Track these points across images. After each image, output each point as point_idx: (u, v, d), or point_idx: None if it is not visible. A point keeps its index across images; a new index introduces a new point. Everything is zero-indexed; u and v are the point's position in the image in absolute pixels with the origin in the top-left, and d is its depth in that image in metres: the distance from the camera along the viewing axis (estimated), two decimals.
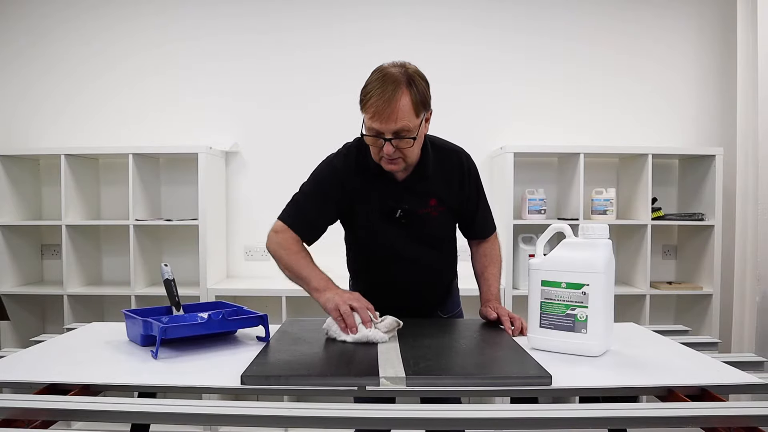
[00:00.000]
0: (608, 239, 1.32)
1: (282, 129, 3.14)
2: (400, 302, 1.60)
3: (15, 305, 2.94)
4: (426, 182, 1.55)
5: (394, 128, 1.37)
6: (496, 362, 1.24)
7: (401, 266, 1.60)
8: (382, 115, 1.35)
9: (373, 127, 1.38)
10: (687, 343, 1.46)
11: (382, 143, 1.39)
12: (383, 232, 1.56)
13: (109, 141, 3.12)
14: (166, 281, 1.53)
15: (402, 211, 1.53)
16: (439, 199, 1.57)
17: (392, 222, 1.55)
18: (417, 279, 1.63)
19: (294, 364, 1.23)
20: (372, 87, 1.37)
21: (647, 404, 0.99)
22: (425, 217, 1.56)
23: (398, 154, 1.42)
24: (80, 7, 3.14)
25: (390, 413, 0.97)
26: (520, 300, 2.76)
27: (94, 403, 0.98)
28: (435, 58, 3.11)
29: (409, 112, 1.37)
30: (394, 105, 1.35)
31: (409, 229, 1.56)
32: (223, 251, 3.12)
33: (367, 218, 1.56)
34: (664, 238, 3.17)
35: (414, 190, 1.55)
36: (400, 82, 1.36)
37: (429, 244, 1.61)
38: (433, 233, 1.61)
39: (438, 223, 1.59)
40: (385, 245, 1.58)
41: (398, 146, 1.40)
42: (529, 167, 3.10)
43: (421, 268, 1.62)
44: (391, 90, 1.35)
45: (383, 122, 1.36)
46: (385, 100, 1.34)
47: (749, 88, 2.85)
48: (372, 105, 1.36)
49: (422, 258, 1.61)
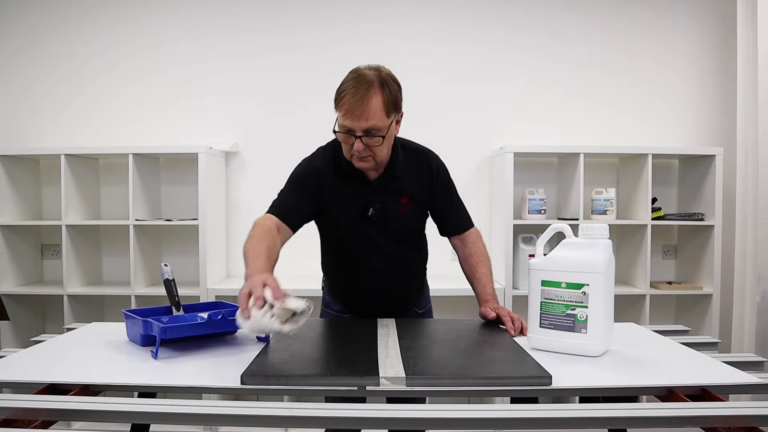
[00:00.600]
0: (608, 239, 1.32)
1: (282, 129, 3.14)
2: (375, 299, 1.69)
3: (15, 305, 2.94)
4: (396, 182, 1.61)
5: (365, 126, 1.43)
6: (496, 362, 1.24)
7: (374, 262, 1.65)
8: (355, 113, 1.41)
9: (344, 125, 1.45)
10: (687, 343, 1.46)
11: (353, 140, 1.45)
12: (356, 229, 1.61)
13: (109, 141, 3.12)
14: (166, 281, 1.53)
15: (373, 209, 1.59)
16: (410, 197, 1.63)
17: (365, 219, 1.60)
18: (389, 274, 1.67)
19: (294, 364, 1.23)
20: (346, 86, 1.44)
21: (647, 404, 0.99)
22: (396, 214, 1.62)
23: (368, 152, 1.48)
24: (80, 8, 3.14)
25: (390, 413, 0.97)
26: (520, 300, 2.76)
27: (94, 403, 0.98)
28: (435, 58, 3.11)
29: (380, 112, 1.43)
30: (366, 104, 1.41)
31: (380, 225, 1.61)
32: (223, 251, 3.13)
33: (340, 216, 1.61)
34: (664, 238, 3.17)
35: (385, 189, 1.60)
36: (373, 83, 1.42)
37: (400, 240, 1.66)
38: (404, 229, 1.67)
39: (408, 219, 1.65)
40: (358, 242, 1.63)
41: (368, 144, 1.46)
42: (529, 167, 3.10)
43: (393, 263, 1.67)
44: (364, 90, 1.41)
45: (355, 120, 1.42)
46: (358, 98, 1.40)
47: (749, 88, 2.85)
48: (345, 103, 1.42)
49: (394, 253, 1.66)
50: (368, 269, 1.66)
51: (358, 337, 1.42)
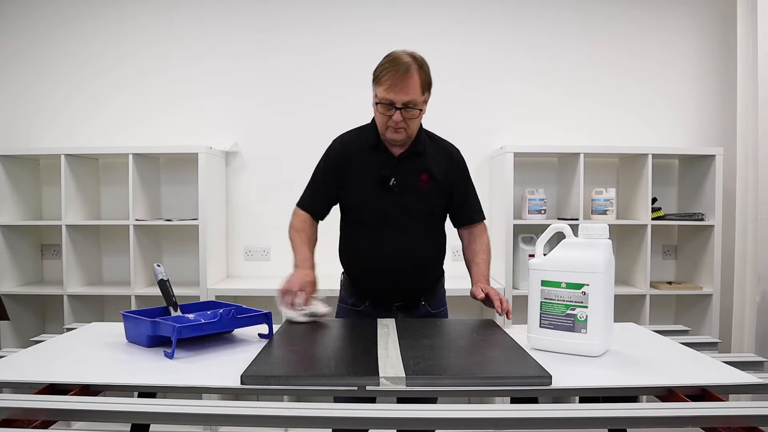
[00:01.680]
0: (608, 239, 1.32)
1: (282, 129, 3.14)
2: (387, 282, 1.72)
3: (15, 305, 2.94)
4: (419, 158, 1.73)
5: (405, 99, 1.60)
6: (496, 362, 1.24)
7: (391, 236, 1.70)
8: (397, 87, 1.59)
9: (387, 98, 1.60)
10: (687, 343, 1.46)
11: (393, 112, 1.60)
12: (376, 198, 1.70)
13: (109, 141, 3.12)
14: (161, 282, 1.53)
15: (395, 179, 1.69)
16: (430, 174, 1.72)
17: (386, 189, 1.69)
18: (405, 253, 1.71)
19: (294, 364, 1.23)
20: (387, 65, 1.62)
21: (647, 404, 0.99)
22: (416, 189, 1.71)
23: (403, 124, 1.63)
24: (80, 8, 3.14)
25: (391, 413, 0.97)
26: (520, 300, 2.76)
27: (94, 403, 0.98)
28: (435, 58, 3.07)
29: (418, 88, 1.61)
30: (408, 80, 1.59)
31: (400, 197, 1.70)
32: (223, 251, 3.13)
33: (361, 185, 1.72)
34: (664, 238, 3.17)
35: (408, 164, 1.72)
36: (411, 64, 1.61)
37: (418, 217, 1.73)
38: (422, 207, 1.73)
39: (427, 196, 1.73)
40: (376, 211, 1.71)
41: (405, 117, 1.61)
42: (529, 167, 3.10)
43: (408, 242, 1.71)
44: (405, 67, 1.60)
45: (397, 93, 1.59)
46: (401, 75, 1.58)
47: (749, 88, 2.85)
48: (388, 78, 1.59)
49: (411, 229, 1.72)
50: (383, 244, 1.71)
51: (358, 337, 1.42)
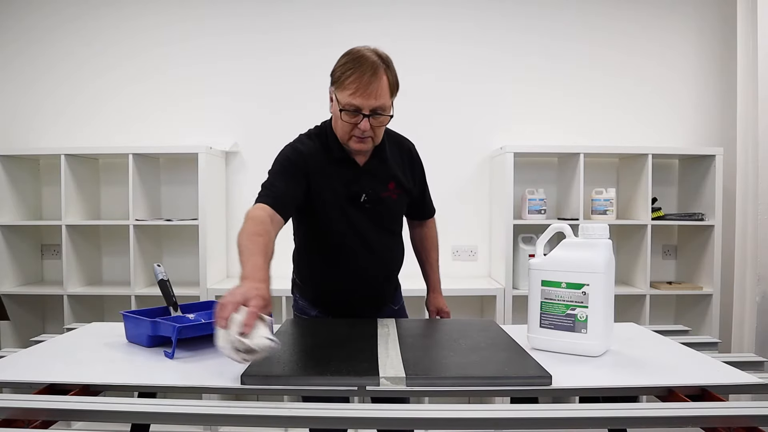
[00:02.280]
0: (608, 239, 1.32)
1: (282, 129, 3.10)
2: (357, 292, 1.64)
3: (15, 305, 2.94)
4: (385, 165, 1.60)
5: (374, 105, 1.43)
6: (496, 362, 1.24)
7: (361, 251, 1.60)
8: (365, 91, 1.41)
9: (353, 103, 1.43)
10: (687, 343, 1.46)
11: (359, 120, 1.44)
12: (346, 216, 1.56)
13: (109, 141, 3.13)
14: (161, 282, 1.53)
15: (366, 195, 1.56)
16: (397, 181, 1.62)
17: (356, 206, 1.56)
18: (375, 264, 1.63)
19: (294, 364, 1.23)
20: (351, 66, 1.42)
21: (647, 404, 0.99)
22: (386, 200, 1.60)
23: (370, 133, 1.47)
24: (80, 8, 3.14)
25: (389, 413, 0.96)
26: (520, 300, 2.76)
27: (94, 403, 0.98)
28: (435, 58, 3.11)
29: (387, 91, 1.45)
30: (376, 82, 1.41)
31: (371, 212, 1.58)
32: (223, 251, 3.12)
33: (330, 202, 1.55)
34: (664, 238, 3.17)
35: (375, 174, 1.58)
36: (378, 64, 1.43)
37: (388, 229, 1.65)
38: (392, 217, 1.66)
39: (397, 205, 1.65)
40: (346, 229, 1.57)
41: (373, 124, 1.46)
42: (529, 167, 3.10)
43: (379, 253, 1.63)
44: (373, 70, 1.41)
45: (365, 98, 1.41)
46: (368, 77, 1.40)
47: (749, 88, 2.85)
48: (354, 81, 1.41)
49: (379, 242, 1.62)
50: (355, 259, 1.59)
51: (358, 337, 1.42)
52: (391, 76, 1.46)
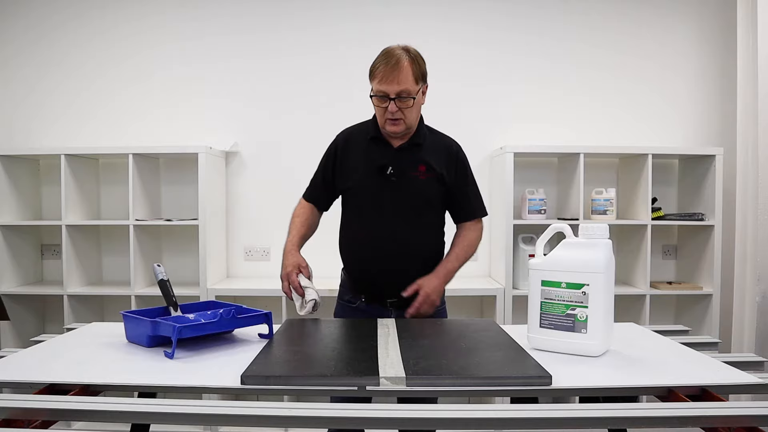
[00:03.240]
0: (608, 239, 1.32)
1: (282, 129, 3.14)
2: (382, 275, 1.74)
3: (15, 305, 2.94)
4: (418, 149, 1.76)
5: (397, 89, 1.64)
6: (496, 362, 1.24)
7: (386, 225, 1.73)
8: (388, 78, 1.63)
9: (380, 89, 1.65)
10: (687, 343, 1.46)
11: (387, 103, 1.65)
12: (373, 186, 1.74)
13: (109, 141, 3.13)
14: (161, 282, 1.53)
15: (392, 168, 1.72)
16: (428, 166, 1.75)
17: (383, 177, 1.73)
18: (399, 243, 1.73)
19: (294, 364, 1.23)
20: (380, 60, 1.67)
21: (647, 404, 0.99)
22: (413, 179, 1.74)
23: (400, 114, 1.67)
24: (81, 8, 3.14)
25: (391, 413, 0.96)
26: (520, 300, 2.76)
27: (94, 403, 0.98)
28: (435, 58, 3.08)
29: (410, 77, 1.65)
30: (398, 70, 1.63)
31: (397, 186, 1.73)
32: (223, 251, 3.13)
33: (359, 174, 1.76)
34: (664, 238, 3.17)
35: (406, 155, 1.75)
36: (402, 55, 1.65)
37: (414, 208, 1.74)
38: (419, 198, 1.75)
39: (424, 188, 1.75)
40: (373, 200, 1.74)
41: (400, 107, 1.65)
42: (529, 167, 3.10)
43: (405, 231, 1.73)
44: (396, 59, 1.64)
45: (388, 84, 1.64)
46: (391, 66, 1.63)
47: (749, 88, 2.85)
48: (380, 71, 1.64)
49: (407, 220, 1.73)
50: (377, 233, 1.73)
51: (358, 337, 1.42)
52: (415, 65, 1.66)
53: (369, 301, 1.79)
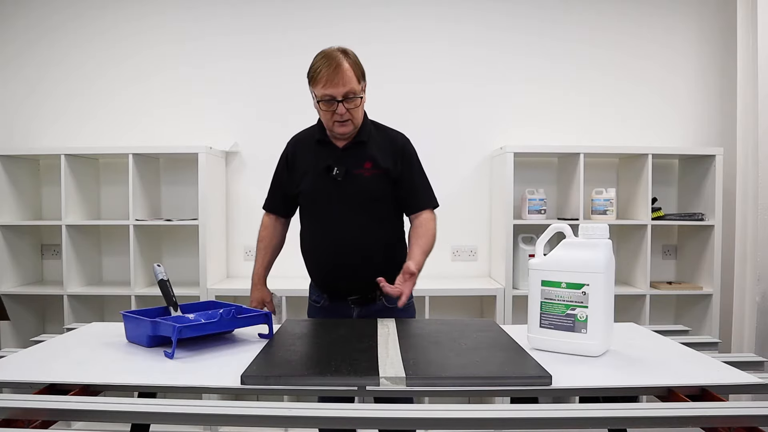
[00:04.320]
0: (608, 239, 1.32)
1: (282, 129, 3.11)
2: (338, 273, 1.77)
3: (15, 305, 2.94)
4: (363, 147, 1.77)
5: (344, 90, 1.65)
6: (496, 362, 1.24)
7: (336, 225, 1.75)
8: (333, 80, 1.63)
9: (326, 93, 1.65)
10: (687, 343, 1.46)
11: (335, 106, 1.66)
12: (321, 188, 1.76)
13: (109, 141, 3.12)
14: (161, 282, 1.54)
15: (338, 169, 1.73)
16: (374, 162, 1.76)
17: (329, 179, 1.74)
18: (350, 242, 1.74)
19: (294, 364, 1.23)
20: (319, 64, 1.67)
21: (647, 404, 0.99)
22: (359, 176, 1.74)
23: (348, 116, 1.68)
24: (81, 8, 3.14)
25: (389, 413, 0.96)
26: (520, 300, 2.76)
27: (94, 403, 0.98)
28: (435, 58, 3.11)
29: (353, 77, 1.66)
30: (341, 72, 1.64)
31: (343, 185, 1.74)
32: (223, 251, 3.13)
33: (308, 177, 1.78)
34: (664, 238, 3.17)
35: (351, 154, 1.76)
36: (341, 57, 1.66)
37: (363, 205, 1.75)
38: (366, 193, 1.75)
39: (371, 183, 1.75)
40: (322, 202, 1.76)
41: (348, 108, 1.67)
42: (529, 167, 3.10)
43: (354, 229, 1.74)
44: (336, 62, 1.64)
45: (334, 87, 1.64)
46: (333, 69, 1.63)
47: (749, 88, 2.85)
48: (323, 75, 1.64)
49: (356, 218, 1.74)
50: (329, 234, 1.76)
51: (358, 337, 1.42)
52: (354, 64, 1.68)
53: (331, 299, 1.82)
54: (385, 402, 1.15)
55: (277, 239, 1.92)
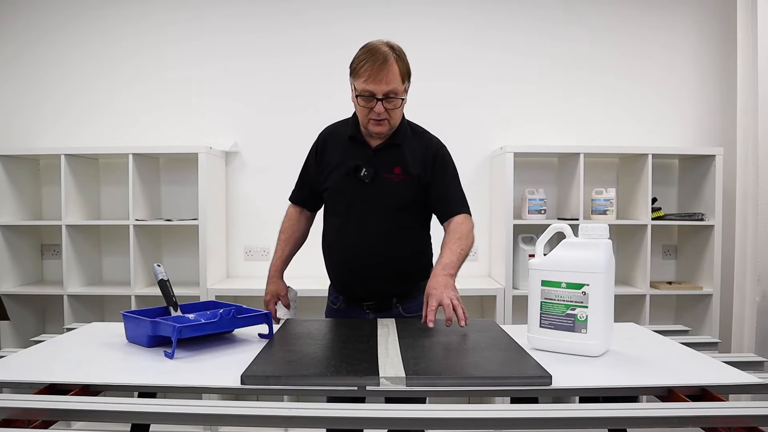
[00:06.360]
0: (608, 239, 1.32)
1: (282, 129, 3.14)
2: (356, 277, 1.71)
3: (15, 305, 2.94)
4: (395, 151, 1.70)
5: (386, 89, 1.57)
6: (496, 362, 1.24)
7: (358, 228, 1.68)
8: (376, 77, 1.55)
9: (366, 89, 1.58)
10: (687, 343, 1.46)
11: (374, 103, 1.58)
12: (346, 188, 1.69)
13: (109, 141, 3.12)
14: (161, 282, 1.53)
15: (366, 170, 1.66)
16: (404, 168, 1.68)
17: (356, 180, 1.67)
18: (370, 247, 1.68)
19: (294, 364, 1.23)
20: (364, 57, 1.58)
21: (647, 404, 0.99)
22: (387, 181, 1.68)
23: (386, 115, 1.61)
24: (81, 8, 3.14)
25: (390, 413, 0.96)
26: (520, 300, 2.76)
27: (94, 403, 0.98)
28: (435, 58, 3.11)
29: (398, 77, 1.58)
30: (387, 69, 1.55)
31: (370, 188, 1.67)
32: (223, 251, 3.13)
33: (335, 175, 1.71)
34: (664, 238, 3.17)
35: (383, 156, 1.69)
36: (389, 54, 1.57)
37: (387, 211, 1.68)
38: (393, 200, 1.68)
39: (399, 190, 1.68)
40: (346, 202, 1.70)
41: (387, 107, 1.59)
42: (529, 167, 3.10)
43: (377, 235, 1.68)
44: (383, 58, 1.56)
45: (377, 84, 1.56)
46: (379, 65, 1.55)
47: (749, 88, 2.85)
48: (366, 70, 1.56)
49: (379, 224, 1.68)
50: (350, 235, 1.70)
51: (358, 337, 1.42)
52: (402, 64, 1.59)
53: (348, 302, 1.77)
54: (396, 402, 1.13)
55: (300, 232, 1.87)
